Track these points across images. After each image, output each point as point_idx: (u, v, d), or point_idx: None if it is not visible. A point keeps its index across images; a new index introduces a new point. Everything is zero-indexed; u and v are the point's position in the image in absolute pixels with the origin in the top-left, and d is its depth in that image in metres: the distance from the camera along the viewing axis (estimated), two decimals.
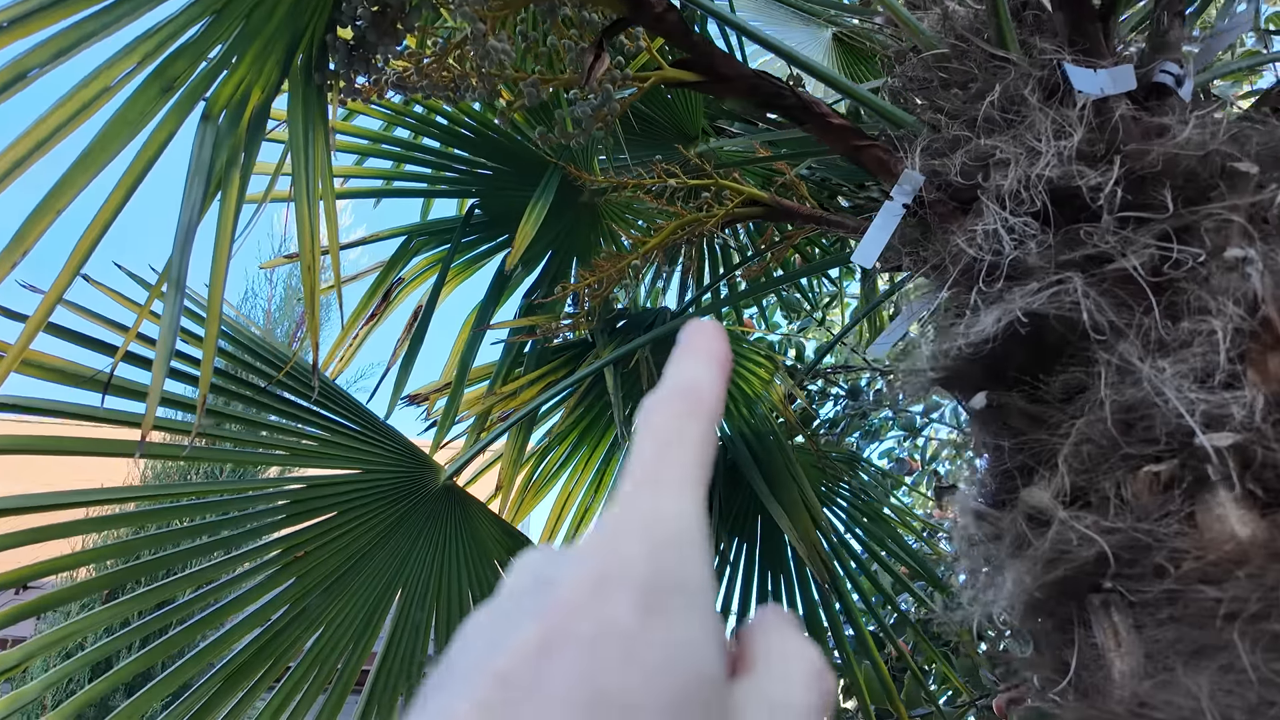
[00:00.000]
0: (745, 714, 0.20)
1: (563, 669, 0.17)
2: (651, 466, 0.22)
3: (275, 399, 1.13)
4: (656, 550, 0.20)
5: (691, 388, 0.24)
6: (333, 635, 1.12)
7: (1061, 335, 0.75)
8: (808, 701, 0.21)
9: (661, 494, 0.21)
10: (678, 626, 0.19)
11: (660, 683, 0.17)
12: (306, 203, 0.89)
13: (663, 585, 0.19)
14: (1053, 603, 0.73)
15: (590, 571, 0.19)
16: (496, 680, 0.18)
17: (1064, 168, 0.73)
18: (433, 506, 1.25)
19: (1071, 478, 0.69)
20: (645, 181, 1.34)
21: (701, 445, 0.23)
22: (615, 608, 0.18)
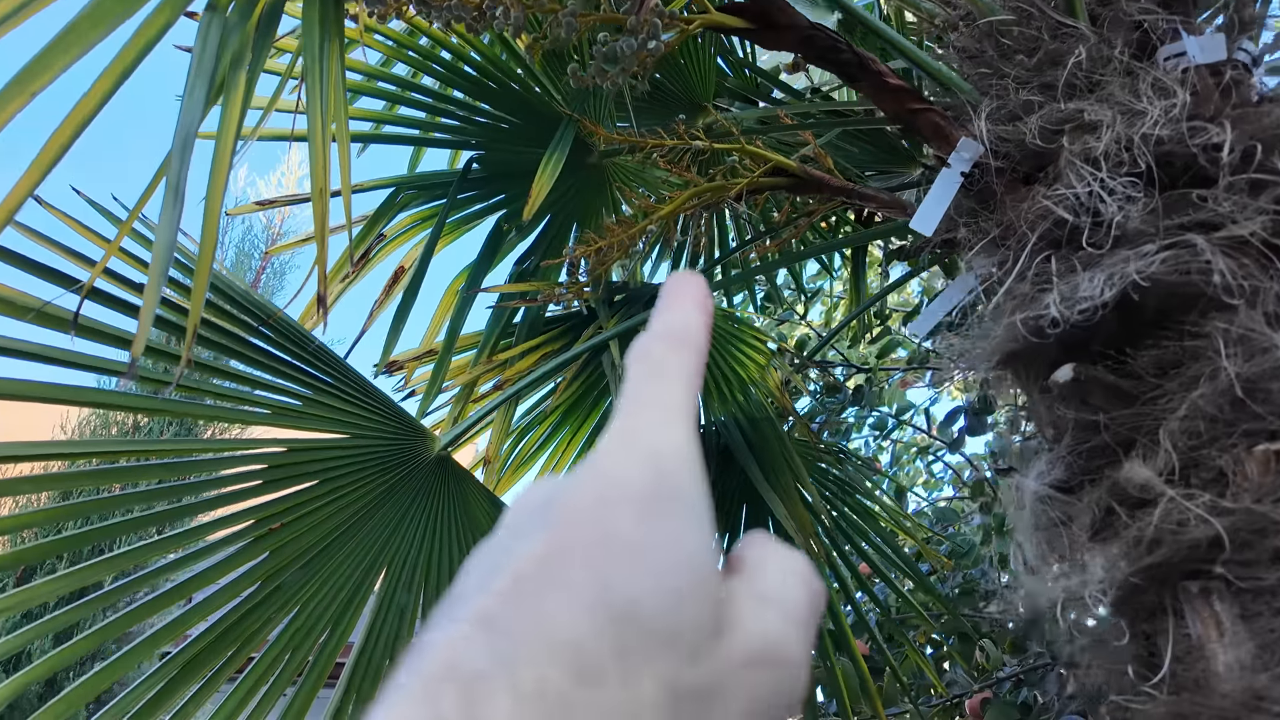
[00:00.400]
0: (739, 606, 0.21)
1: (573, 569, 0.19)
2: (645, 396, 0.23)
3: (258, 352, 1.01)
4: (653, 468, 0.21)
5: (680, 327, 0.26)
6: (308, 618, 1.01)
7: (1157, 306, 0.71)
8: (797, 596, 0.22)
9: (655, 420, 0.23)
10: (676, 531, 0.20)
11: (664, 577, 0.19)
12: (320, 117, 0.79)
13: (660, 496, 0.20)
14: (1143, 590, 0.68)
15: (591, 490, 0.20)
16: (510, 580, 0.19)
17: (1174, 127, 0.68)
18: (424, 479, 1.15)
19: (1178, 455, 0.65)
20: (666, 141, 1.27)
21: (690, 378, 0.25)
22: (617, 520, 0.20)
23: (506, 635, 0.18)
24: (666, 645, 0.18)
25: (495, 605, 0.18)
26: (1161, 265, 0.64)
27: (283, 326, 1.01)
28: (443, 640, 0.18)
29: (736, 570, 0.23)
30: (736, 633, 0.20)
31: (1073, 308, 0.64)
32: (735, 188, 1.27)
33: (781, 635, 0.21)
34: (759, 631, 0.21)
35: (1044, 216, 0.78)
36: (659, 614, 0.19)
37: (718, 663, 0.19)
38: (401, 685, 0.18)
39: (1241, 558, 0.62)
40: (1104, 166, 0.73)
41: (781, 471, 1.68)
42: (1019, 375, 0.85)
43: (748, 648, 0.20)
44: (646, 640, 0.18)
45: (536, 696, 0.17)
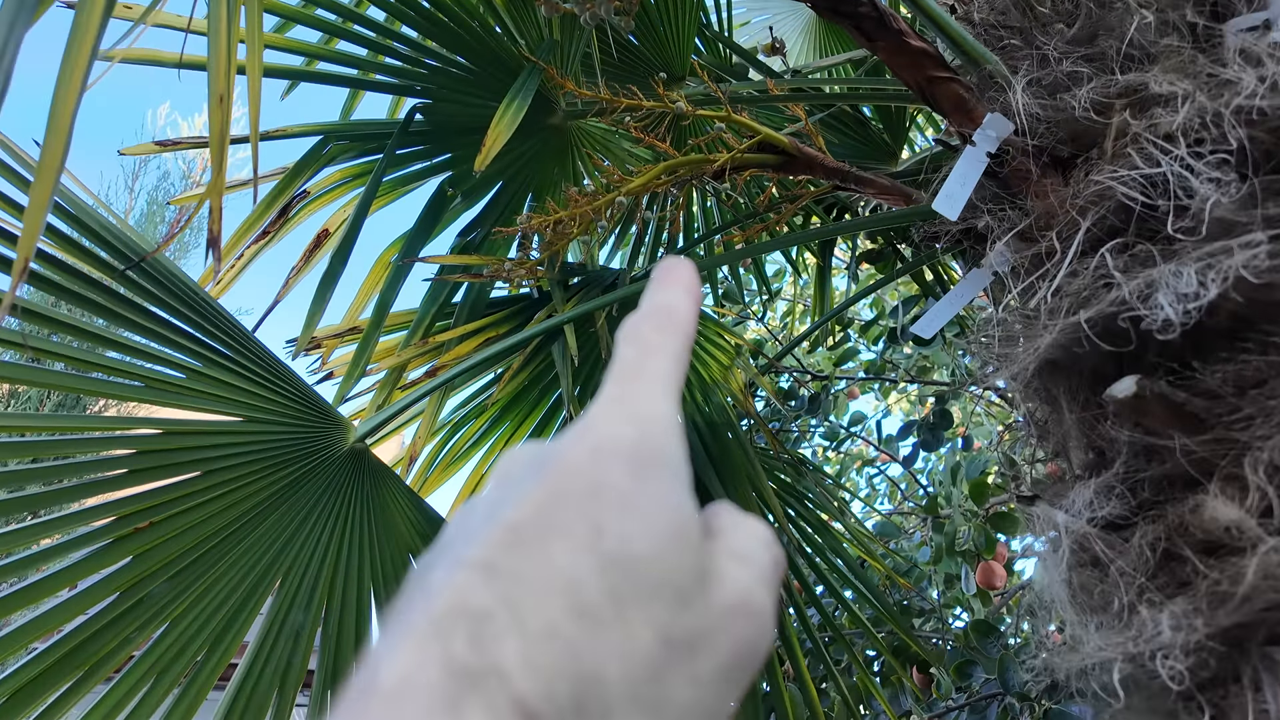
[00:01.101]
0: (718, 561, 0.22)
1: (570, 514, 0.20)
2: (634, 369, 0.25)
3: (130, 307, 0.81)
4: (640, 430, 0.22)
5: (669, 308, 0.27)
6: (178, 639, 0.82)
7: (1236, 312, 0.60)
8: (765, 558, 0.23)
9: (642, 389, 0.24)
10: (663, 487, 0.21)
11: (655, 527, 0.20)
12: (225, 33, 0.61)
13: (649, 457, 0.22)
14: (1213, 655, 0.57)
15: (587, 446, 0.22)
16: (506, 529, 0.19)
17: (1278, 98, 0.57)
18: (334, 475, 0.97)
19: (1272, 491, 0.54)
20: (642, 103, 1.12)
21: (678, 357, 0.26)
22: (610, 473, 0.21)
23: (510, 579, 0.18)
24: (659, 592, 0.19)
25: (495, 552, 0.19)
26: (1271, 259, 0.53)
27: (163, 276, 0.82)
28: (446, 583, 0.18)
29: (710, 533, 0.24)
30: (718, 582, 0.21)
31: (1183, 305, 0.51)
32: (717, 162, 1.13)
33: (756, 588, 0.22)
34: (739, 585, 0.21)
35: (1101, 200, 0.67)
36: (652, 560, 0.19)
37: (705, 610, 0.20)
38: (408, 624, 0.18)
39: None
40: (1182, 144, 0.61)
41: (741, 483, 1.55)
42: (1053, 388, 0.73)
43: (730, 598, 0.21)
44: (641, 586, 0.19)
45: (545, 637, 0.17)
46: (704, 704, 0.19)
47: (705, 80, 1.10)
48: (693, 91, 1.40)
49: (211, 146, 0.64)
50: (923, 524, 2.50)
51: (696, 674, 0.19)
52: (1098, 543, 0.64)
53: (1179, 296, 0.53)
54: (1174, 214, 0.59)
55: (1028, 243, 0.78)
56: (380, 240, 1.41)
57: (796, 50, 2.06)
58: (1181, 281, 0.55)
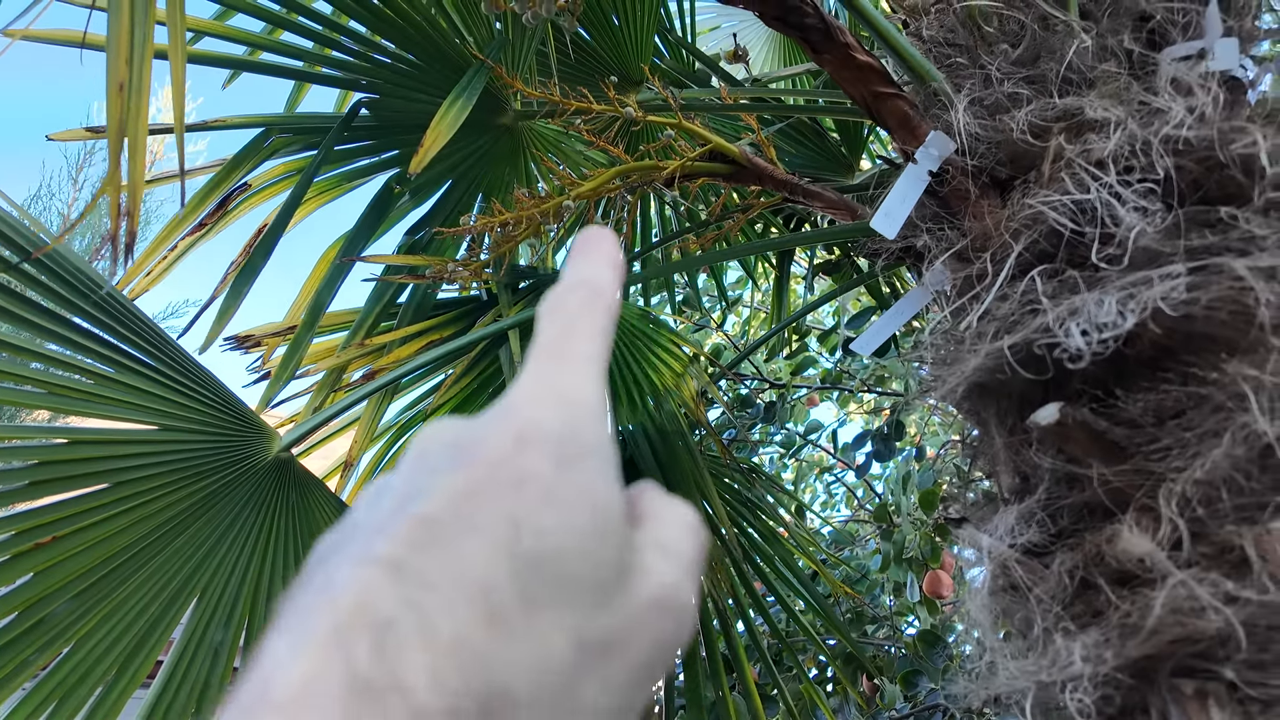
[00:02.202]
0: (643, 553, 0.21)
1: (488, 509, 0.19)
2: (556, 346, 0.24)
3: (30, 308, 0.78)
4: (566, 415, 0.21)
5: (592, 282, 0.26)
6: (84, 660, 0.79)
7: (1158, 342, 0.60)
8: (690, 547, 0.23)
9: (567, 369, 0.23)
10: (588, 476, 0.21)
11: (576, 521, 0.19)
12: None
13: (573, 443, 0.21)
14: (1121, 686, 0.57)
15: (508, 431, 0.21)
16: (419, 522, 0.18)
17: (1204, 130, 0.58)
18: (257, 487, 0.94)
19: (1186, 525, 0.54)
20: (593, 106, 1.10)
21: (602, 332, 0.25)
22: (534, 461, 0.20)
23: (419, 581, 0.17)
24: (576, 593, 0.19)
25: (405, 549, 0.18)
26: (1189, 291, 0.53)
27: (68, 273, 0.78)
28: (351, 582, 0.17)
29: (635, 520, 0.23)
30: (640, 577, 0.20)
31: (1091, 336, 0.51)
32: (667, 169, 1.12)
33: (679, 583, 0.21)
34: (660, 580, 0.21)
35: (1032, 225, 0.67)
36: (570, 558, 0.19)
37: (623, 608, 0.20)
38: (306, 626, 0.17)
39: (1254, 659, 0.51)
40: (1112, 171, 0.62)
41: (689, 491, 1.55)
42: (982, 411, 0.73)
43: (651, 594, 0.20)
44: (557, 588, 0.18)
45: (453, 648, 0.17)
46: (616, 706, 0.19)
47: (657, 86, 1.09)
48: (649, 97, 1.39)
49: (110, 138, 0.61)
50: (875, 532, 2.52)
51: (610, 676, 0.19)
52: (1018, 568, 0.65)
53: (1097, 326, 0.53)
54: (1100, 241, 0.59)
55: (964, 264, 0.78)
56: (329, 237, 1.37)
57: (761, 58, 2.06)
58: (1102, 310, 0.55)
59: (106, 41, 0.58)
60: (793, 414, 2.34)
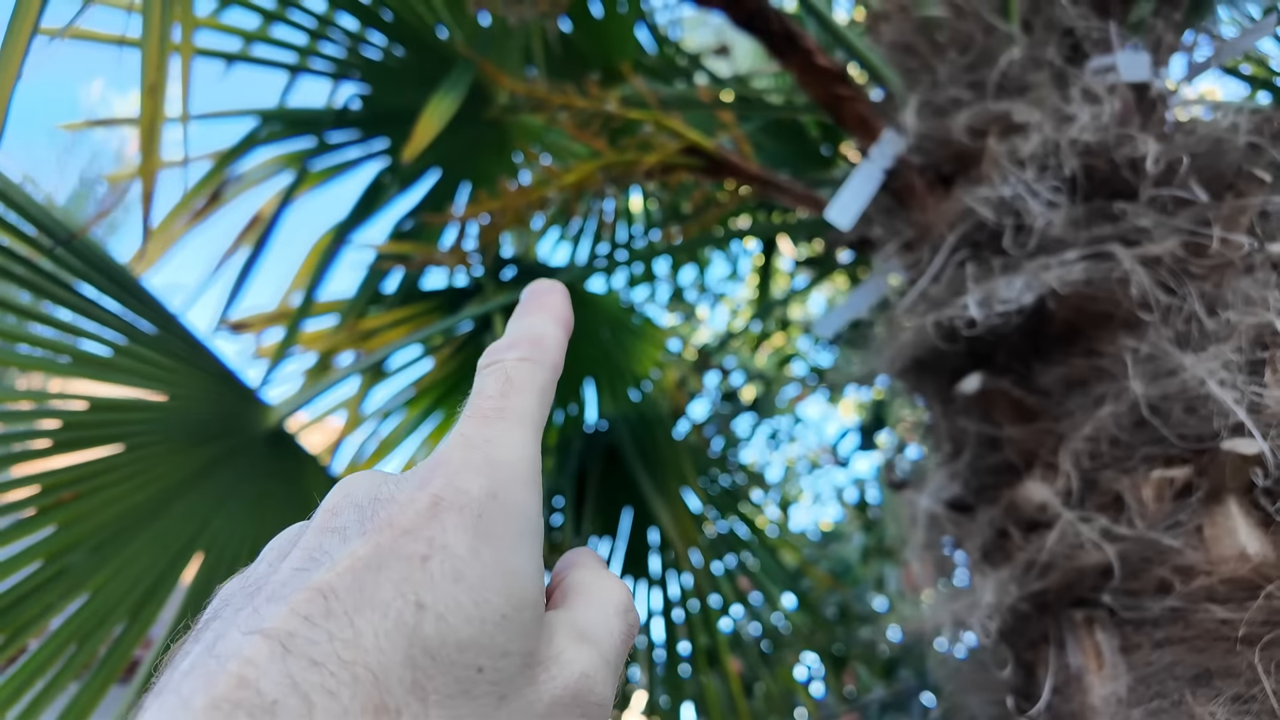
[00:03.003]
0: (557, 641, 0.20)
1: (390, 584, 0.18)
2: (494, 405, 0.23)
3: (56, 284, 0.88)
4: (493, 482, 0.21)
5: (536, 338, 0.26)
6: (101, 606, 0.89)
7: (1067, 321, 0.72)
8: (615, 633, 0.22)
9: (501, 431, 0.22)
10: (505, 553, 0.20)
11: (485, 602, 0.19)
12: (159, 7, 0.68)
13: (495, 515, 0.20)
14: (1028, 618, 0.69)
15: (427, 496, 0.20)
16: (316, 593, 0.18)
17: (1102, 134, 0.69)
18: (255, 455, 1.04)
19: (1078, 476, 0.65)
20: (574, 100, 1.21)
21: (542, 392, 0.24)
22: (448, 532, 0.19)
23: (306, 661, 0.17)
24: (472, 687, 0.18)
25: (296, 622, 0.17)
26: (1081, 274, 0.64)
27: (90, 254, 0.89)
28: (236, 652, 0.17)
29: (558, 596, 0.23)
30: (551, 669, 0.20)
31: (990, 308, 0.63)
32: (646, 163, 1.23)
33: (595, 674, 0.21)
34: (574, 671, 0.20)
35: (965, 217, 0.78)
36: (473, 648, 0.18)
37: (527, 704, 0.19)
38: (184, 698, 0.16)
39: (1128, 587, 0.63)
40: (1030, 170, 0.73)
41: (669, 477, 1.66)
42: (922, 385, 0.84)
43: (560, 689, 0.20)
44: (454, 679, 0.18)
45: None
46: None
47: (633, 83, 1.20)
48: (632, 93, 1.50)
49: (142, 136, 0.71)
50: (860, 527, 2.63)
51: None
52: (947, 522, 0.76)
53: (1001, 301, 0.64)
54: (1016, 231, 0.70)
55: (911, 253, 0.89)
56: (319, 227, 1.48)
57: (748, 54, 2.18)
58: (1012, 289, 0.66)
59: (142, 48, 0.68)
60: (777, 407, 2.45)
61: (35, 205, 0.83)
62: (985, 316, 0.65)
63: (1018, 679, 0.70)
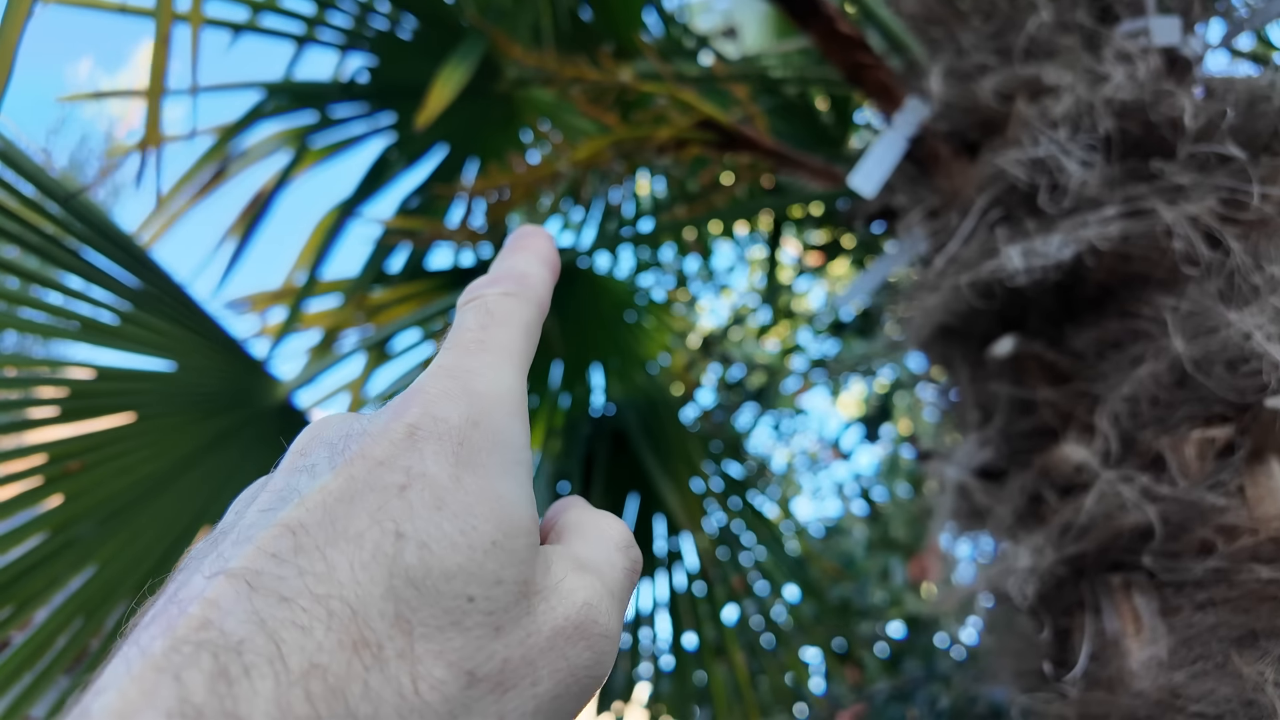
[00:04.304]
0: (554, 571, 0.20)
1: (365, 515, 0.17)
2: (474, 337, 0.22)
3: (61, 249, 0.87)
4: (474, 410, 0.20)
5: (520, 274, 0.25)
6: (109, 579, 0.88)
7: (1102, 282, 0.71)
8: (616, 564, 0.21)
9: (482, 362, 0.21)
10: (492, 480, 0.19)
11: (470, 533, 0.18)
12: None
13: (479, 442, 0.19)
14: (1064, 583, 0.68)
15: (402, 425, 0.19)
16: (284, 529, 0.17)
17: (1139, 92, 0.69)
18: (264, 428, 1.03)
19: (1116, 437, 0.65)
20: (587, 73, 1.20)
21: (526, 327, 0.23)
22: (426, 460, 0.18)
23: (274, 597, 0.16)
24: (463, 616, 0.17)
25: (262, 560, 0.16)
26: (1120, 231, 0.64)
27: (96, 220, 0.87)
28: (199, 593, 0.16)
29: (553, 536, 0.22)
30: (551, 599, 0.19)
31: (1031, 261, 0.62)
32: (659, 137, 1.23)
33: (599, 604, 0.20)
34: (576, 600, 0.19)
35: (994, 181, 0.78)
36: (461, 575, 0.17)
37: (526, 635, 0.18)
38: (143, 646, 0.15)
39: (1168, 548, 0.62)
40: (1062, 130, 0.73)
41: (676, 462, 1.65)
42: (950, 353, 0.84)
43: (562, 618, 0.19)
44: (442, 610, 0.17)
45: (305, 677, 0.15)
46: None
47: (649, 57, 1.19)
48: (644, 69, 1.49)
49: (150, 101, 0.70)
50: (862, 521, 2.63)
51: (507, 715, 0.17)
52: (977, 491, 0.75)
53: (1039, 255, 0.64)
54: (1051, 191, 0.70)
55: (936, 220, 0.89)
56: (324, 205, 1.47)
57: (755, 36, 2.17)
58: (1049, 246, 0.65)
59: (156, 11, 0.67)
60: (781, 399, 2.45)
61: (39, 169, 0.81)
62: (1029, 270, 0.64)
63: (1053, 646, 0.70)
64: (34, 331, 0.85)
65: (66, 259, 0.86)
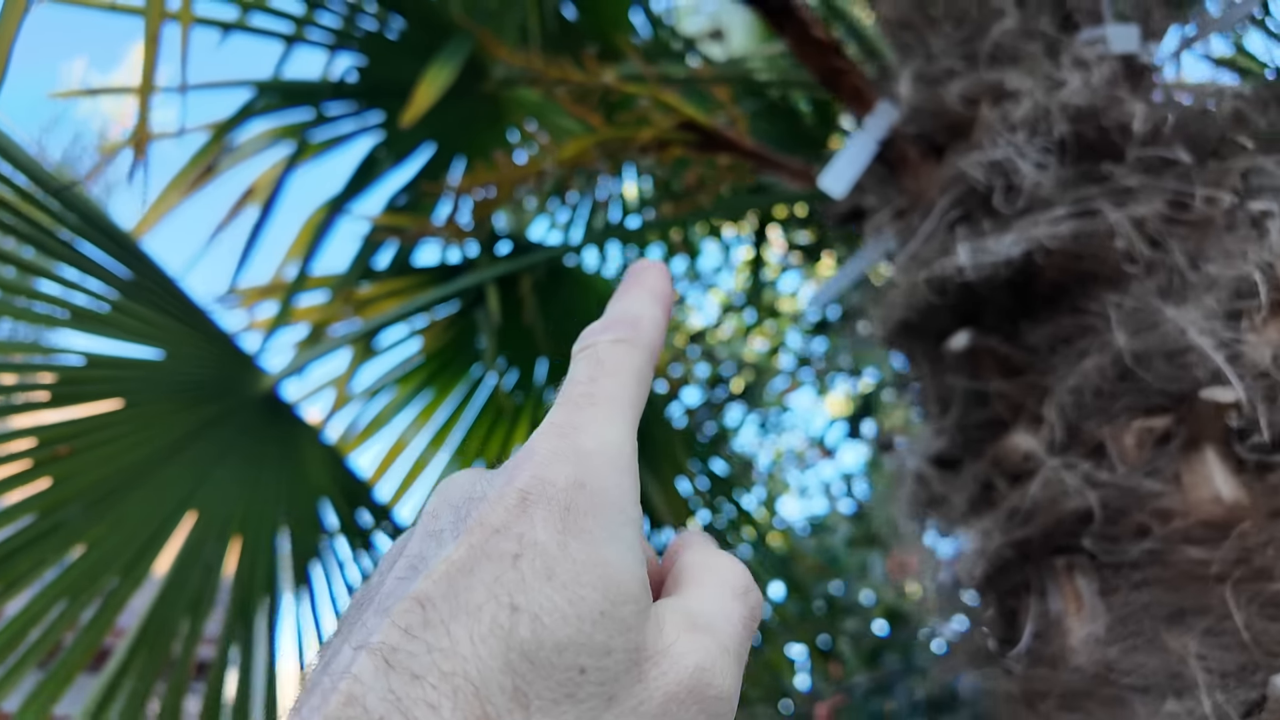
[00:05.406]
0: (667, 631, 0.20)
1: (482, 587, 0.18)
2: (584, 391, 0.23)
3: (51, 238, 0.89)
4: (580, 470, 0.20)
5: (632, 319, 0.25)
6: (94, 562, 0.90)
7: (1054, 280, 0.74)
8: (732, 617, 0.21)
9: (591, 417, 0.22)
10: (598, 546, 0.19)
11: (581, 599, 0.18)
12: None
13: (585, 504, 0.20)
14: (1011, 566, 0.71)
15: (515, 490, 0.20)
16: (414, 602, 0.18)
17: (1091, 98, 0.72)
18: (250, 417, 1.06)
19: (1062, 427, 0.68)
20: (571, 74, 1.23)
21: (637, 376, 0.24)
22: (537, 527, 0.19)
23: (407, 675, 0.17)
24: (576, 688, 0.17)
25: (397, 636, 0.18)
26: (1069, 230, 0.67)
27: (88, 211, 0.90)
28: (346, 668, 0.18)
29: (670, 582, 0.22)
30: (662, 664, 0.19)
31: (980, 259, 0.65)
32: (641, 137, 1.26)
33: (713, 666, 0.20)
34: (689, 664, 0.19)
35: (956, 182, 0.81)
36: (572, 648, 0.18)
37: (638, 703, 0.18)
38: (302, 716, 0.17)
39: (1108, 531, 0.65)
40: (1020, 134, 0.76)
41: (661, 460, 1.68)
42: (912, 347, 0.87)
43: (674, 685, 0.19)
44: (556, 683, 0.17)
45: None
46: None
47: (632, 58, 1.22)
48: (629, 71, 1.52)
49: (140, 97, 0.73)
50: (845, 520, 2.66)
51: None
52: (934, 480, 0.78)
53: (989, 253, 0.67)
54: (1006, 192, 0.73)
55: (903, 220, 0.92)
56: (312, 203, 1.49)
57: (741, 39, 2.20)
58: (1001, 244, 0.69)
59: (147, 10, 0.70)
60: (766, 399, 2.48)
61: (33, 161, 0.84)
62: (976, 267, 0.67)
63: (1000, 625, 0.73)
64: (27, 319, 0.88)
65: (60, 249, 0.88)
